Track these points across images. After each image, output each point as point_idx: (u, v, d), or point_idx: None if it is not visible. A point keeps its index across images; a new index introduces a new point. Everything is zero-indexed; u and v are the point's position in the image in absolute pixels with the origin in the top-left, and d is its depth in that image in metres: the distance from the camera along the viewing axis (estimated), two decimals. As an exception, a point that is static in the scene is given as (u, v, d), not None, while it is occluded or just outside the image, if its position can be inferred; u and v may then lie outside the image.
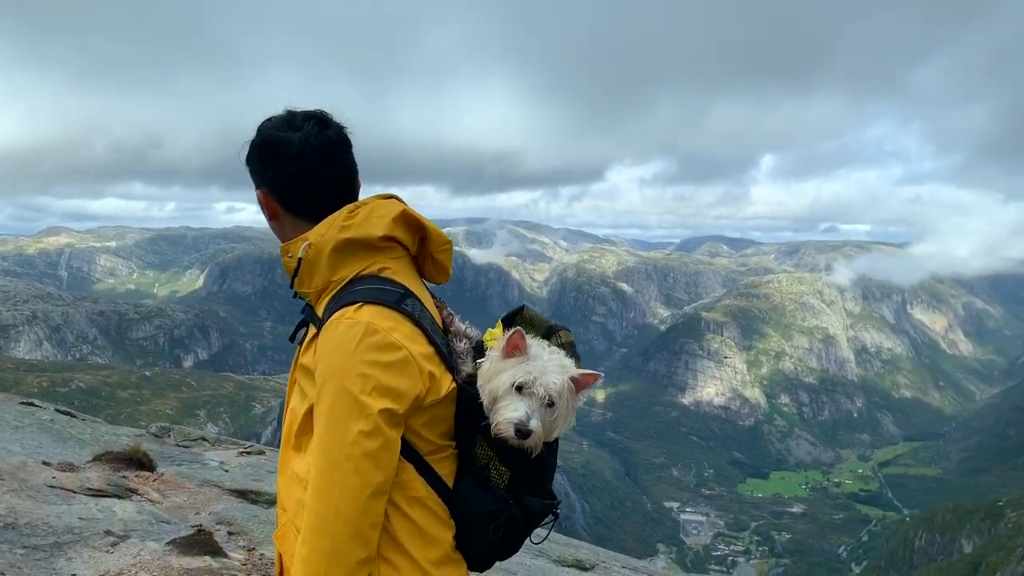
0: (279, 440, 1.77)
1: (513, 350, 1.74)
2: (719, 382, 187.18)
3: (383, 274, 1.72)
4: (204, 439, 9.87)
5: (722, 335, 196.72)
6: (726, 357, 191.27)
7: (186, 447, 9.38)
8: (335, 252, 1.69)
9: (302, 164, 1.73)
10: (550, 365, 1.73)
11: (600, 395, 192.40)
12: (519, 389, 1.70)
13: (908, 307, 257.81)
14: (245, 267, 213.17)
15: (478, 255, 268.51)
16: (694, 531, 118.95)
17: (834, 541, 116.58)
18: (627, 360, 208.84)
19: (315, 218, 1.74)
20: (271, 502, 5.75)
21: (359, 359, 1.55)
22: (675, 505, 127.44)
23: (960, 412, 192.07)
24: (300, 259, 1.71)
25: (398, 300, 1.67)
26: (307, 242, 1.70)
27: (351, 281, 1.70)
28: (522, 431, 1.66)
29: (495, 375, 1.72)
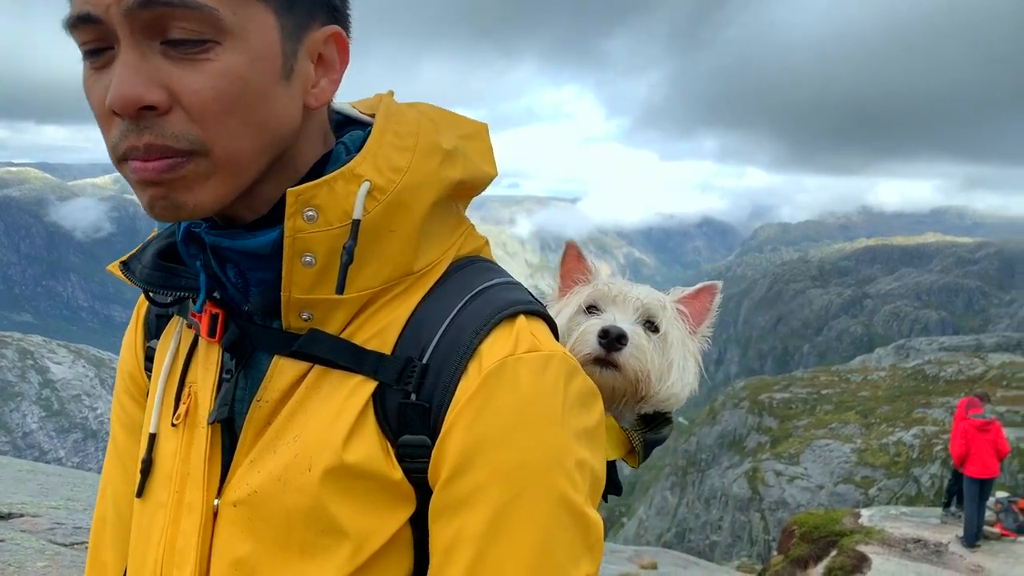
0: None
1: (570, 277, 1.14)
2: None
3: (485, 254, 0.85)
4: None
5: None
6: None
7: None
8: (435, 210, 0.75)
9: None
10: (631, 285, 1.11)
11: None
12: (590, 310, 1.08)
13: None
14: None
15: None
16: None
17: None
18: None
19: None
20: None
21: (571, 431, 0.71)
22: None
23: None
24: (356, 223, 0.69)
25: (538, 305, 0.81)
26: (364, 182, 0.69)
27: (451, 272, 0.78)
28: (611, 331, 1.00)
29: (557, 315, 1.07)
